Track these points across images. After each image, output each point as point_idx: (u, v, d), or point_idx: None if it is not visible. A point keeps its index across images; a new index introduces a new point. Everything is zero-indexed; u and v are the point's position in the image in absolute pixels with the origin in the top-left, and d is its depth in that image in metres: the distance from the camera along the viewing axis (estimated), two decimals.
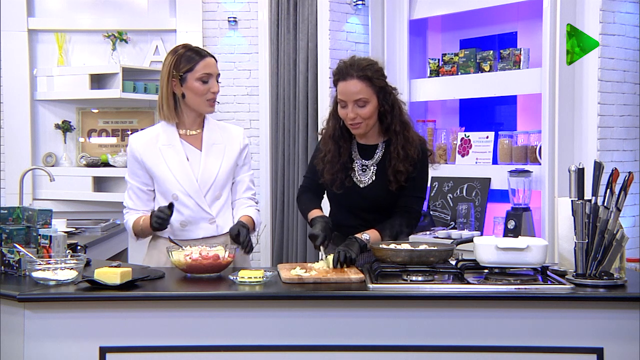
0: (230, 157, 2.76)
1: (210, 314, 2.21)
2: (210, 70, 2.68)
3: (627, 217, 4.04)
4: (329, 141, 2.76)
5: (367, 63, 2.66)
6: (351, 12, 5.09)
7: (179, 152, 2.71)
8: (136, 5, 5.46)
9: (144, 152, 2.71)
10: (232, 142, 2.79)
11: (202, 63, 2.67)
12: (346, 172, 2.74)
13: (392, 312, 2.21)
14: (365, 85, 2.63)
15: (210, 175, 2.71)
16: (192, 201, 2.68)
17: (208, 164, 2.72)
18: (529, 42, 4.39)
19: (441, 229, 4.39)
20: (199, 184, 2.69)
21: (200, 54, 2.69)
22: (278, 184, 5.24)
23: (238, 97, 5.35)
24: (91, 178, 5.26)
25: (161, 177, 2.69)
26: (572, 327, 2.18)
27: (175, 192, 2.68)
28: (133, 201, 2.76)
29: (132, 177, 2.75)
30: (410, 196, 2.74)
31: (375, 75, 2.65)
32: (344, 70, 2.65)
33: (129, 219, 2.75)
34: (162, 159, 2.70)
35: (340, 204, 2.79)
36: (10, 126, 5.27)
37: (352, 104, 2.64)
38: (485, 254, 2.36)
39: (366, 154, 2.77)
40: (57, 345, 2.18)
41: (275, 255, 5.27)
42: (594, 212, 2.29)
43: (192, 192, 2.68)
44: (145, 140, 2.74)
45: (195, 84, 2.66)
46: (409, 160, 2.68)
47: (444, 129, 4.76)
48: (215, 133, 2.77)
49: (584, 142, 3.98)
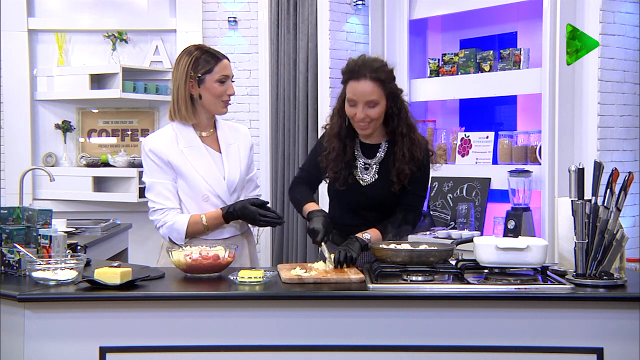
0: (244, 156, 2.81)
1: (210, 314, 2.21)
2: (227, 72, 2.71)
3: (627, 217, 4.04)
4: (334, 139, 2.76)
5: (379, 64, 2.65)
6: (351, 12, 5.10)
7: (202, 154, 2.71)
8: (136, 5, 5.46)
9: (169, 153, 2.68)
10: (243, 141, 2.83)
11: (220, 65, 2.69)
12: (349, 170, 2.75)
13: (392, 312, 2.20)
14: (377, 87, 2.62)
15: (235, 175, 2.74)
16: (221, 201, 2.71)
17: (231, 164, 2.75)
18: (529, 42, 4.39)
19: (441, 229, 4.39)
20: (227, 185, 2.72)
21: (217, 56, 2.71)
22: (278, 184, 5.24)
23: (238, 97, 5.32)
24: (91, 178, 5.26)
25: (190, 178, 2.68)
26: (572, 327, 2.18)
27: (205, 192, 2.69)
28: (170, 200, 2.68)
29: (161, 177, 2.68)
30: (412, 195, 2.76)
31: (388, 78, 2.65)
32: (356, 70, 2.64)
33: (175, 219, 2.66)
34: (186, 160, 2.68)
35: (342, 202, 2.80)
36: (10, 126, 5.27)
37: (363, 104, 2.63)
38: (485, 254, 2.36)
39: (369, 153, 2.77)
40: (57, 345, 2.18)
41: (275, 255, 5.27)
42: (594, 212, 2.29)
43: (221, 193, 2.70)
44: (166, 141, 2.70)
45: (213, 85, 2.67)
46: (414, 162, 2.70)
47: (444, 129, 4.76)
48: (227, 133, 2.80)
49: (584, 142, 3.98)
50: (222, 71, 2.69)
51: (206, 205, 2.69)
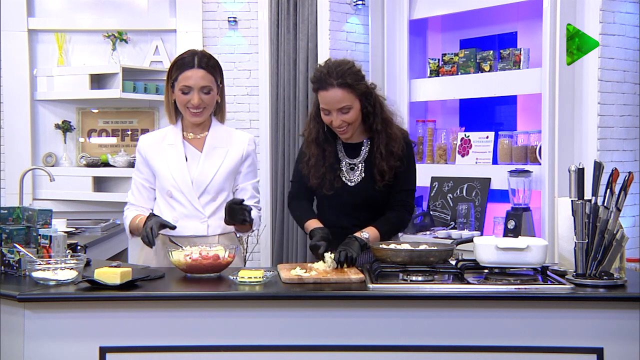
0: (230, 161, 2.76)
1: (210, 314, 2.21)
2: (189, 82, 2.66)
3: (627, 217, 4.04)
4: (312, 145, 2.76)
5: (344, 68, 2.63)
6: (351, 12, 5.09)
7: (179, 152, 2.75)
8: (136, 5, 5.46)
9: (148, 150, 2.78)
10: (235, 147, 2.79)
11: (183, 75, 2.68)
12: (334, 173, 2.75)
13: (392, 312, 2.20)
14: (346, 92, 2.62)
15: (207, 176, 2.73)
16: (185, 199, 2.72)
17: (206, 165, 2.74)
18: (529, 42, 4.39)
19: (441, 229, 4.39)
20: (194, 184, 2.71)
21: (187, 64, 2.68)
22: (278, 184, 5.24)
23: (238, 97, 5.34)
24: (91, 178, 5.26)
25: (159, 173, 2.75)
26: (572, 327, 2.18)
27: (169, 188, 2.73)
28: (134, 196, 2.81)
29: (137, 174, 2.82)
30: (401, 191, 2.76)
31: (355, 80, 2.64)
32: (322, 79, 2.64)
33: (128, 214, 2.80)
34: (163, 157, 2.75)
35: (332, 205, 2.79)
36: (10, 126, 5.27)
37: (336, 112, 2.65)
38: (485, 254, 2.36)
39: (352, 153, 2.78)
40: (57, 345, 2.18)
41: (275, 255, 5.26)
42: (594, 212, 2.29)
43: (186, 191, 2.71)
44: (153, 139, 2.82)
45: (178, 93, 2.70)
46: (393, 157, 2.70)
47: (444, 129, 4.76)
48: (219, 137, 2.79)
49: (584, 142, 3.98)
50: (184, 81, 2.67)
51: (171, 201, 2.72)
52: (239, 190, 2.81)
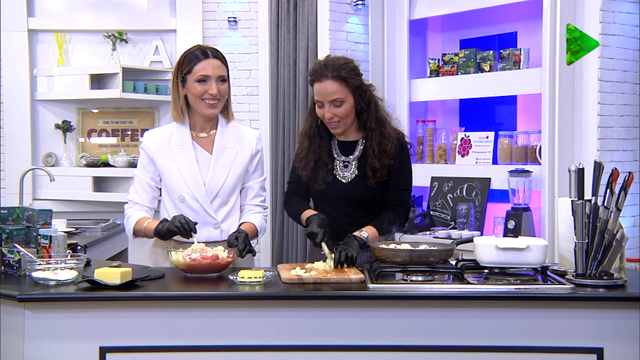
0: (240, 163, 2.73)
1: (210, 314, 2.21)
2: (208, 72, 2.63)
3: (627, 217, 4.04)
4: (303, 138, 2.82)
5: (341, 62, 2.69)
6: (351, 12, 5.10)
7: (189, 154, 2.69)
8: (136, 5, 5.46)
9: (155, 150, 2.70)
10: (244, 147, 2.75)
11: (200, 64, 2.64)
12: (326, 169, 2.77)
13: (392, 312, 2.20)
14: (340, 85, 2.66)
15: (219, 181, 2.69)
16: (198, 205, 2.67)
17: (217, 169, 2.69)
18: (529, 42, 4.39)
19: (441, 229, 4.39)
20: (207, 189, 2.68)
21: (200, 56, 2.65)
22: (278, 184, 5.24)
23: (238, 97, 5.34)
24: (91, 178, 5.26)
25: (170, 177, 2.69)
26: (572, 327, 2.18)
27: (182, 194, 2.67)
28: (139, 195, 2.72)
29: (142, 172, 2.73)
30: (396, 190, 2.77)
31: (350, 74, 2.68)
32: (318, 71, 2.69)
33: (132, 214, 2.70)
34: (172, 159, 2.69)
35: (326, 202, 2.79)
36: (10, 126, 5.27)
37: (329, 104, 2.68)
38: (485, 254, 2.36)
39: (346, 151, 2.80)
40: (57, 345, 2.18)
41: (275, 255, 5.26)
42: (594, 212, 2.29)
43: (199, 196, 2.67)
44: (159, 138, 2.73)
45: (193, 84, 2.64)
46: (386, 156, 2.71)
47: (444, 129, 4.76)
48: (227, 136, 2.74)
49: (584, 142, 3.98)
50: (201, 71, 2.63)
51: (182, 206, 2.67)
52: (245, 188, 2.78)
